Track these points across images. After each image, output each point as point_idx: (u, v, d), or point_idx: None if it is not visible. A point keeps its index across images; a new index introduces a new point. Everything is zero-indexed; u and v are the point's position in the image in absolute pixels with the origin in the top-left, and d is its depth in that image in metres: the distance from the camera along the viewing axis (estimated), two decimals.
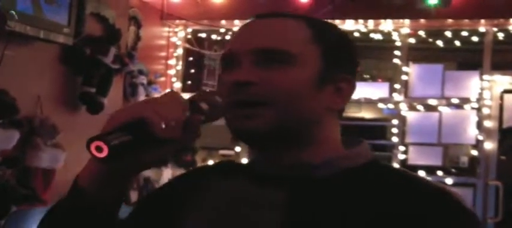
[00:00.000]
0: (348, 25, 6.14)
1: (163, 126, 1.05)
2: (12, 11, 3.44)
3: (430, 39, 6.45)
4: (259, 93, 1.19)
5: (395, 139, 6.17)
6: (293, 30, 1.24)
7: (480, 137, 5.96)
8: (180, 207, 1.29)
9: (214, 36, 6.81)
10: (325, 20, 1.34)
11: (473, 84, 6.05)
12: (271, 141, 1.22)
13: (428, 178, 1.25)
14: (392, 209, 1.13)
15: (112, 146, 1.00)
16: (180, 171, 5.02)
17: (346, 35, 1.35)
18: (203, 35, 6.81)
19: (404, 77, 6.20)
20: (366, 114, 8.38)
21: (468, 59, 7.17)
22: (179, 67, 6.63)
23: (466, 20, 5.88)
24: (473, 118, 6.01)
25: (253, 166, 1.31)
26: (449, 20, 5.88)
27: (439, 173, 6.00)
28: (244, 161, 1.39)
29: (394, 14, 5.85)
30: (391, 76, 6.70)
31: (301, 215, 1.16)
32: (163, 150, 1.12)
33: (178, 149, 1.16)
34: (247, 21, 1.31)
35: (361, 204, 1.15)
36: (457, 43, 6.39)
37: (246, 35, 1.27)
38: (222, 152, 6.27)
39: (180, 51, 6.65)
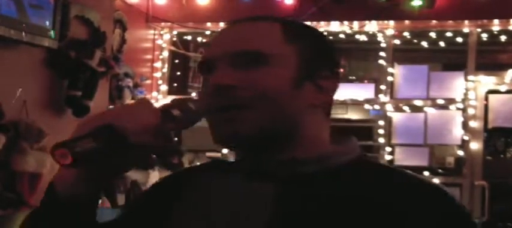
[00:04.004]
0: (333, 27, 6.16)
1: (132, 131, 1.07)
2: None
3: (415, 41, 6.48)
4: (239, 95, 1.19)
5: (381, 140, 6.19)
6: (266, 31, 1.25)
7: (466, 138, 5.99)
8: (169, 206, 1.29)
9: (199, 39, 6.81)
10: (300, 21, 1.36)
11: (458, 85, 6.08)
12: (255, 144, 1.22)
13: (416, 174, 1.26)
14: (379, 202, 1.14)
15: (75, 152, 1.01)
16: (167, 174, 5.01)
17: (322, 33, 1.37)
18: (189, 38, 6.81)
19: (389, 78, 6.22)
20: (352, 115, 8.38)
21: (453, 59, 7.21)
22: (165, 70, 6.63)
23: (450, 21, 5.91)
24: (459, 119, 6.04)
25: (240, 163, 1.31)
26: (434, 21, 5.91)
27: (426, 173, 6.02)
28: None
29: (379, 15, 5.87)
30: (376, 77, 6.71)
31: (290, 210, 1.17)
32: (136, 156, 1.14)
33: (152, 154, 1.19)
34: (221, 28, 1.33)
35: (349, 199, 1.16)
36: (442, 44, 6.41)
37: (220, 40, 1.29)
38: (208, 154, 6.25)
39: (165, 54, 6.64)
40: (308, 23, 4.97)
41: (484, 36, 6.06)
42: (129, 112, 1.10)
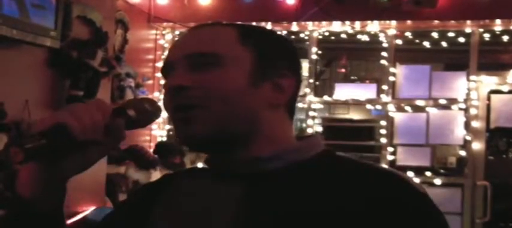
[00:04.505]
0: (335, 27, 6.16)
1: (80, 129, 1.11)
2: None
3: (417, 40, 6.47)
4: (194, 95, 1.22)
5: (383, 140, 6.18)
6: (220, 34, 1.29)
7: (468, 138, 5.98)
8: (145, 211, 1.34)
9: None
10: (257, 25, 1.40)
11: (460, 85, 6.07)
12: (213, 144, 1.26)
13: (382, 165, 1.28)
14: (341, 196, 1.16)
15: (26, 149, 1.07)
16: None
17: (280, 35, 1.41)
18: None
19: (391, 78, 6.21)
20: (354, 115, 8.40)
21: (455, 59, 7.21)
22: None
23: (452, 21, 5.90)
24: (461, 119, 6.04)
25: (210, 165, 1.36)
26: (436, 21, 5.90)
27: (428, 173, 6.02)
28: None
29: (381, 15, 5.87)
30: (378, 77, 6.71)
31: (254, 208, 1.19)
32: (89, 152, 1.18)
33: (106, 151, 1.22)
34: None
35: (312, 194, 1.18)
36: (444, 44, 6.41)
37: (178, 44, 1.33)
38: None
39: None
40: (309, 23, 4.97)
41: (486, 36, 6.06)
42: (80, 111, 1.13)
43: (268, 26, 6.24)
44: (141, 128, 1.25)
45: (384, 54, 6.25)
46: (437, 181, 5.94)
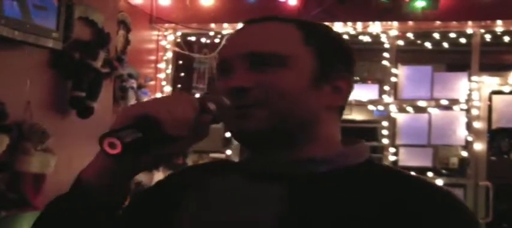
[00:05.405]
0: (337, 27, 6.15)
1: (172, 124, 1.05)
2: None
3: (419, 41, 6.46)
4: (255, 96, 1.19)
5: (385, 141, 6.18)
6: (283, 33, 1.25)
7: (470, 138, 5.98)
8: (173, 207, 1.29)
9: (203, 40, 6.79)
10: (316, 22, 1.35)
11: (462, 86, 6.07)
12: (267, 141, 1.22)
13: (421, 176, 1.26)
14: (388, 205, 1.14)
15: (126, 142, 1.00)
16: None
17: (339, 34, 1.37)
18: (193, 39, 6.80)
19: (393, 79, 6.21)
20: (356, 116, 8.39)
21: (456, 60, 7.20)
22: (169, 70, 6.62)
23: (454, 22, 5.90)
24: (463, 119, 6.03)
25: (248, 164, 1.31)
26: (437, 22, 5.89)
27: (430, 174, 6.01)
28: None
29: (382, 16, 5.87)
30: (380, 78, 6.71)
31: (300, 210, 1.16)
32: (172, 148, 1.13)
33: (185, 148, 1.18)
34: (239, 27, 1.33)
35: (360, 201, 1.16)
36: (445, 45, 6.40)
37: (237, 40, 1.28)
38: (212, 155, 6.26)
39: (169, 55, 6.64)
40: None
41: (488, 37, 6.04)
42: (170, 104, 1.08)
43: None
44: (217, 124, 1.20)
45: (386, 55, 6.24)
46: (440, 182, 5.92)
